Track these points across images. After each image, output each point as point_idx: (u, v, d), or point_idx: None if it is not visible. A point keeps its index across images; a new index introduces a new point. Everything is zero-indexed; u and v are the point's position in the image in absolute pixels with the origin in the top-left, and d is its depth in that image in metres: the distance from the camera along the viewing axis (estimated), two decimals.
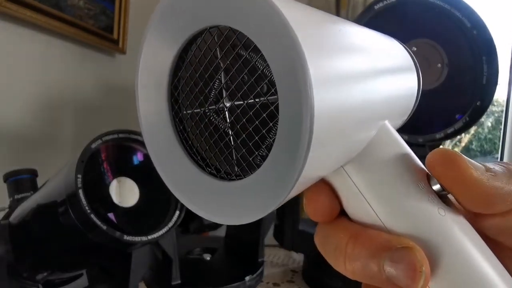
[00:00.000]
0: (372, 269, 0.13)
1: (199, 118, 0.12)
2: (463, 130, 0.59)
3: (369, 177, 0.14)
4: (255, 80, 0.11)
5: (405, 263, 0.13)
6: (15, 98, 0.79)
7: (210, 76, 0.12)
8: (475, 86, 0.58)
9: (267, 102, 0.11)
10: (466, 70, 0.58)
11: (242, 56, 0.11)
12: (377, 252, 0.13)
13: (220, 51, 0.12)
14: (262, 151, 0.12)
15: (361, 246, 0.14)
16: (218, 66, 0.12)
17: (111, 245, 0.42)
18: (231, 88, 0.12)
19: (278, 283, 0.76)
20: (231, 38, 0.11)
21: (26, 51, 0.81)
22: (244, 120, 0.12)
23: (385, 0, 0.58)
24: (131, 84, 0.76)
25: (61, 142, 0.93)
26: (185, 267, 0.66)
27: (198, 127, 0.13)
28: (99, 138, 0.44)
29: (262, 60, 0.11)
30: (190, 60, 0.12)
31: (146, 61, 0.13)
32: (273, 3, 0.10)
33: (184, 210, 0.48)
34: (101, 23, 0.97)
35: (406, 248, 0.13)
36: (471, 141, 1.18)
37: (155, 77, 0.13)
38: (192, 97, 0.12)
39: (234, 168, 0.12)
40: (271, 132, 0.11)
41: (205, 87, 0.12)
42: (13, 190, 0.55)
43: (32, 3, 0.74)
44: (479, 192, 0.14)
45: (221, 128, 0.12)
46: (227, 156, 0.12)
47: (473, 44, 0.57)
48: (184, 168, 0.13)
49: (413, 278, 0.12)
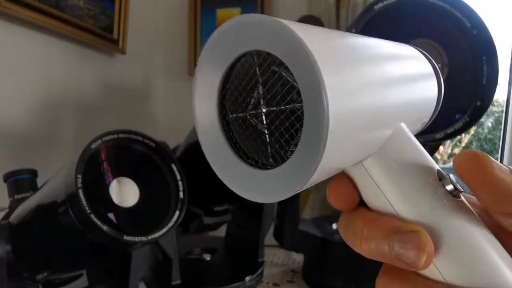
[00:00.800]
0: (383, 248, 0.15)
1: (242, 120, 0.16)
2: (463, 130, 0.59)
3: (385, 172, 0.17)
4: (286, 91, 0.15)
5: (411, 243, 0.15)
6: (15, 98, 0.79)
7: (251, 88, 0.16)
8: (475, 86, 0.58)
9: (295, 108, 0.14)
10: (466, 70, 0.58)
11: (276, 72, 0.15)
12: (388, 234, 0.16)
13: (258, 69, 0.15)
14: (291, 147, 0.15)
15: (375, 230, 0.16)
16: (257, 80, 0.15)
17: (111, 245, 0.42)
18: (267, 98, 0.15)
19: (278, 283, 0.76)
20: (268, 59, 0.15)
21: (26, 51, 0.81)
22: (277, 122, 0.15)
23: (385, 0, 0.58)
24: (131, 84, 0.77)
25: (61, 142, 0.93)
26: (185, 267, 0.66)
27: (241, 127, 0.16)
28: (99, 138, 0.44)
29: (291, 75, 0.14)
30: (236, 75, 0.16)
31: (201, 81, 0.17)
32: (296, 34, 0.13)
33: (184, 211, 0.48)
34: (101, 23, 0.97)
35: (413, 232, 0.15)
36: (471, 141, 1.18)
37: (208, 91, 0.16)
38: (237, 104, 0.16)
39: (269, 159, 0.15)
40: (298, 132, 0.14)
41: (247, 97, 0.16)
42: (13, 190, 0.55)
43: (32, 3, 0.74)
44: (503, 191, 0.15)
45: (259, 128, 0.16)
46: (263, 150, 0.16)
47: (473, 44, 0.57)
48: (230, 159, 0.16)
49: (417, 256, 0.15)
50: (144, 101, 1.34)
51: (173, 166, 0.49)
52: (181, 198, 0.48)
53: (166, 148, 0.49)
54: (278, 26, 0.13)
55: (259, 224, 0.72)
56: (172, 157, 0.49)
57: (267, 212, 0.72)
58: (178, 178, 0.49)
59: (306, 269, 0.80)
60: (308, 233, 0.74)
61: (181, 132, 0.68)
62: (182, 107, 1.41)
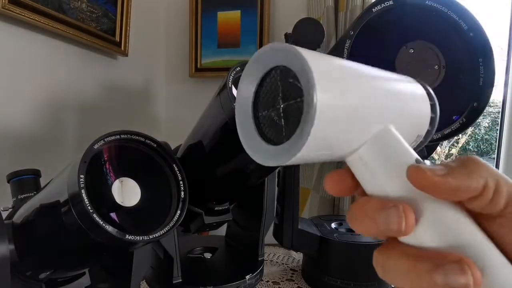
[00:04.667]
0: (373, 223, 0.20)
1: (267, 116, 0.22)
2: (460, 131, 0.60)
3: (377, 162, 0.21)
4: (294, 93, 0.20)
5: (394, 214, 0.19)
6: (18, 100, 0.80)
7: (275, 92, 0.22)
8: (471, 87, 0.58)
9: (300, 103, 0.20)
10: (463, 72, 0.59)
11: (291, 82, 0.20)
12: (378, 210, 0.20)
13: (280, 80, 0.21)
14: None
15: (368, 209, 0.20)
16: (278, 86, 0.21)
17: (113, 244, 0.43)
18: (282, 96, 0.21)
19: (277, 281, 0.77)
20: (288, 72, 0.20)
21: (29, 53, 0.82)
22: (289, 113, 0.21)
23: (383, 3, 0.58)
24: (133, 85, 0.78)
25: (64, 142, 0.93)
26: (186, 266, 0.67)
27: (267, 120, 0.22)
28: (101, 139, 0.44)
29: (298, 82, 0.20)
30: (266, 84, 0.22)
31: (241, 91, 0.23)
32: (304, 58, 0.19)
33: (185, 210, 0.48)
34: (103, 26, 0.98)
35: (394, 206, 0.19)
36: (468, 142, 1.19)
37: (246, 97, 0.23)
38: (264, 103, 0.22)
39: (284, 139, 0.21)
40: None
41: (272, 100, 0.22)
42: (17, 190, 0.55)
43: (35, 6, 0.75)
44: (445, 190, 0.19)
45: (277, 119, 0.21)
46: (280, 134, 0.21)
47: (469, 46, 0.57)
48: (256, 140, 0.22)
49: (399, 224, 0.19)
50: (146, 102, 1.35)
51: (175, 166, 0.50)
52: (182, 197, 0.49)
53: (167, 148, 0.50)
54: (293, 50, 0.19)
55: (259, 223, 0.72)
56: (173, 158, 0.50)
57: (267, 212, 0.73)
58: (179, 178, 0.50)
59: (306, 267, 0.81)
60: (307, 232, 0.75)
61: (183, 132, 0.69)
62: (183, 108, 1.42)
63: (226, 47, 1.33)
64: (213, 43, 1.34)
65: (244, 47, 1.31)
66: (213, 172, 0.62)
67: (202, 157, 0.62)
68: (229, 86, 0.51)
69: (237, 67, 0.53)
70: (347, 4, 1.11)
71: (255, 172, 0.65)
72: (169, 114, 1.46)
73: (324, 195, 1.15)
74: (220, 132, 0.55)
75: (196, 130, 0.62)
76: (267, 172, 0.68)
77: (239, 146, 0.22)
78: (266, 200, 0.73)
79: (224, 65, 1.32)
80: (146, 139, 0.48)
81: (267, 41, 1.26)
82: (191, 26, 1.34)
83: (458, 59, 0.59)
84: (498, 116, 1.02)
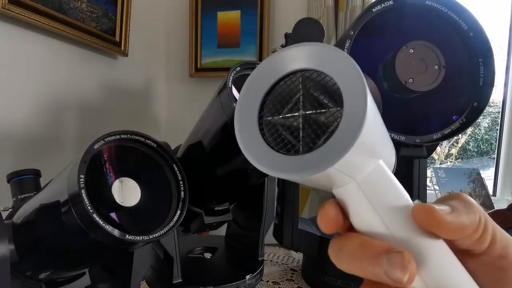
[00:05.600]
0: (374, 267, 0.18)
1: (271, 124, 0.20)
2: (460, 131, 0.59)
3: (375, 193, 0.20)
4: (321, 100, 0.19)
5: (398, 261, 0.18)
6: (18, 99, 0.80)
7: (289, 98, 0.20)
8: (471, 87, 0.58)
9: (327, 112, 0.19)
10: (462, 72, 0.59)
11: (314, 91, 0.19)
12: (378, 254, 0.18)
13: (302, 85, 0.20)
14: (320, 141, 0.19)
15: (368, 251, 0.19)
16: (298, 91, 0.20)
17: (113, 245, 0.43)
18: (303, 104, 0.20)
19: (277, 281, 0.77)
20: (313, 77, 0.19)
21: (29, 53, 0.82)
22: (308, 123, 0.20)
23: (383, 3, 0.58)
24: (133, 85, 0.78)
25: (64, 142, 0.93)
26: (186, 266, 0.66)
27: (272, 127, 0.20)
28: (101, 138, 0.44)
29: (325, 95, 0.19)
30: (277, 89, 0.21)
31: (248, 89, 0.21)
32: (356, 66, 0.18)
33: (185, 210, 0.48)
34: (103, 26, 0.98)
35: (399, 252, 0.18)
36: (468, 142, 1.19)
37: (255, 97, 0.21)
38: (273, 110, 0.21)
39: (299, 149, 0.19)
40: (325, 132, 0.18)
41: (282, 106, 0.20)
42: (17, 190, 0.55)
43: (34, 6, 0.75)
44: (453, 229, 0.18)
45: (285, 128, 0.20)
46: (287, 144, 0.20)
47: (469, 46, 0.57)
48: (260, 146, 0.20)
49: (402, 275, 0.17)
50: (146, 102, 1.35)
51: (175, 166, 0.50)
52: (182, 197, 0.49)
53: (167, 148, 0.50)
54: (339, 52, 0.18)
55: (259, 223, 0.72)
56: (173, 158, 0.50)
57: (267, 212, 0.73)
58: (179, 178, 0.50)
59: (306, 267, 0.81)
60: (307, 232, 0.75)
61: (182, 132, 0.68)
62: (183, 108, 1.42)
63: (226, 47, 1.33)
64: (213, 43, 1.34)
65: (244, 47, 1.31)
66: (213, 172, 0.62)
67: (202, 157, 0.61)
68: (229, 86, 0.51)
69: (237, 67, 0.53)
70: (347, 4, 1.11)
71: (255, 172, 0.65)
72: (169, 114, 1.46)
73: (324, 195, 1.15)
74: (220, 132, 0.55)
75: (196, 130, 0.62)
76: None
77: (239, 146, 0.22)
78: (266, 200, 0.73)
79: (224, 65, 1.32)
80: (146, 139, 0.48)
81: (267, 41, 1.26)
82: (191, 26, 1.34)
83: (458, 59, 0.59)
84: (498, 116, 1.02)
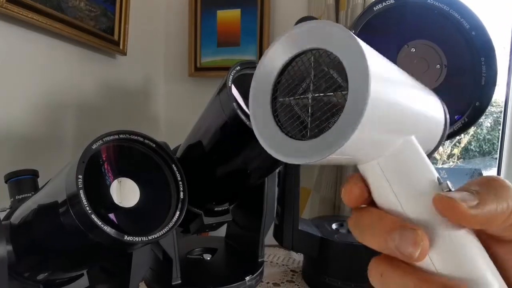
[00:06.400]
0: (386, 241, 0.18)
1: (286, 104, 0.20)
2: (462, 131, 0.59)
3: (397, 173, 0.20)
4: (330, 84, 0.18)
5: (410, 237, 0.18)
6: (17, 99, 0.80)
7: (301, 79, 0.20)
8: (474, 87, 0.58)
9: (336, 95, 0.18)
10: (464, 71, 0.58)
11: (325, 70, 0.19)
12: (392, 229, 0.18)
13: (313, 65, 0.19)
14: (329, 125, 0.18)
15: (383, 225, 0.19)
16: (310, 73, 0.19)
17: (112, 245, 0.42)
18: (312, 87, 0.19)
19: (278, 283, 0.77)
20: (323, 57, 0.19)
21: (28, 53, 0.81)
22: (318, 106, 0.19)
23: (384, 2, 0.58)
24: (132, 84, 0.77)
25: (62, 142, 0.93)
26: (186, 267, 0.66)
27: (285, 109, 0.20)
28: (100, 138, 0.44)
29: (337, 74, 0.18)
30: (293, 67, 0.20)
31: (265, 64, 0.20)
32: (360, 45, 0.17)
33: (184, 211, 0.48)
34: (102, 25, 0.97)
35: (413, 229, 0.18)
36: (470, 142, 1.19)
37: (269, 75, 0.20)
38: (286, 91, 0.20)
39: (306, 133, 0.19)
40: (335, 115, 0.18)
41: (295, 87, 0.20)
42: (14, 191, 0.55)
43: (32, 4, 0.75)
44: (477, 221, 0.18)
45: (298, 110, 0.19)
46: (297, 127, 0.19)
47: (472, 45, 0.57)
48: (273, 130, 0.20)
49: (414, 250, 0.18)
50: (145, 101, 1.35)
51: (174, 166, 0.49)
52: (181, 198, 0.49)
53: (166, 148, 0.50)
54: (348, 34, 0.17)
55: (259, 224, 0.72)
56: (172, 158, 0.50)
57: (267, 212, 0.72)
58: (178, 179, 0.49)
59: (306, 268, 0.80)
60: (307, 233, 0.74)
61: (182, 132, 0.68)
62: (183, 107, 1.42)
63: (226, 46, 1.32)
64: (212, 42, 1.33)
65: (244, 46, 1.30)
66: (213, 172, 0.62)
67: (202, 157, 0.61)
68: (229, 86, 0.50)
69: (237, 66, 0.52)
70: (348, 2, 1.11)
71: (255, 172, 0.65)
72: (168, 113, 1.45)
73: (325, 196, 1.15)
74: (220, 132, 0.55)
75: (195, 130, 0.62)
76: (267, 172, 0.68)
77: (239, 146, 0.21)
78: (266, 200, 0.72)
79: (224, 64, 1.31)
80: (145, 139, 0.48)
81: (267, 40, 1.26)
82: (190, 25, 1.34)
83: (460, 58, 0.58)
84: (500, 115, 1.02)
